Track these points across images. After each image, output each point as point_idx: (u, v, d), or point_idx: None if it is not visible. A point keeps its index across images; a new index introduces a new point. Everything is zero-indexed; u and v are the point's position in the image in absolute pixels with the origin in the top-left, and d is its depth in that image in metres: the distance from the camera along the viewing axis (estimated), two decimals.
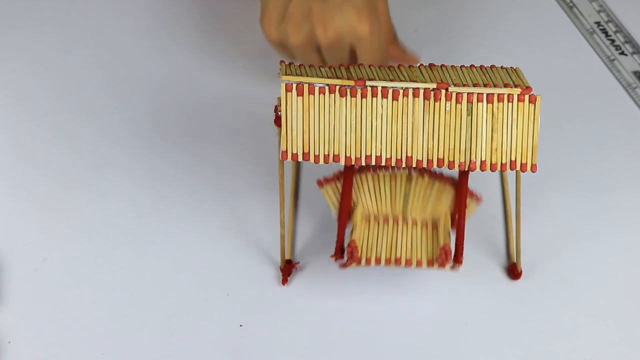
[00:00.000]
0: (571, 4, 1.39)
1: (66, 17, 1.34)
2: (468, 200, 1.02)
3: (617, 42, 1.34)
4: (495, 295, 1.06)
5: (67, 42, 1.31)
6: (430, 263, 1.01)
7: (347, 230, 1.04)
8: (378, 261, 1.01)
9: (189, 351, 1.01)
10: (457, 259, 1.02)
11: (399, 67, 0.99)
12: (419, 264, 1.01)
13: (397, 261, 1.01)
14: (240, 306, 1.04)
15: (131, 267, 1.07)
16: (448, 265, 1.01)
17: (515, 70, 0.99)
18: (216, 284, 1.06)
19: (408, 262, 1.01)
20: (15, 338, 1.01)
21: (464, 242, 1.02)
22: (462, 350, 1.02)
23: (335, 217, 1.04)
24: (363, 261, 1.01)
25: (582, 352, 1.01)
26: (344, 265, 1.02)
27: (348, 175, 1.04)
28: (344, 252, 1.03)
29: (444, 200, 1.03)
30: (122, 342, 1.01)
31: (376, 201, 1.05)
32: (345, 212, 1.03)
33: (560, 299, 1.06)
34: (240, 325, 1.03)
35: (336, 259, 1.03)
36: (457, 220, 1.02)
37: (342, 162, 0.95)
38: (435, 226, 1.05)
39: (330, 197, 1.05)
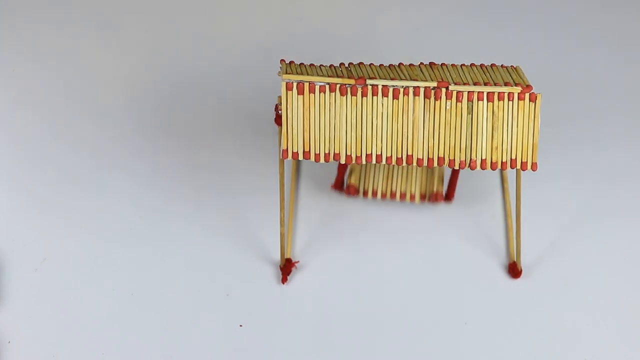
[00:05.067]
0: None
1: (68, 15, 1.35)
2: None
3: None
4: (495, 294, 1.06)
5: (69, 40, 1.31)
6: (423, 198, 1.08)
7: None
8: (375, 194, 1.08)
9: (189, 351, 1.01)
10: (449, 197, 1.08)
11: (399, 66, 0.99)
12: (412, 198, 1.09)
13: (392, 195, 1.08)
14: (240, 306, 1.04)
15: (131, 267, 1.07)
16: (440, 202, 1.08)
17: (515, 68, 0.99)
18: (216, 284, 1.06)
19: (402, 196, 1.08)
20: (15, 338, 1.01)
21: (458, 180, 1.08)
22: (462, 350, 1.02)
23: None
24: (361, 193, 1.08)
25: (582, 352, 1.01)
26: (346, 191, 1.09)
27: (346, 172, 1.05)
28: (344, 185, 1.09)
29: None
30: (122, 342, 1.01)
31: None
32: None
33: (560, 298, 1.06)
34: (240, 325, 1.03)
35: (335, 189, 1.09)
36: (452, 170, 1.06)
37: (343, 160, 0.95)
38: None
39: None
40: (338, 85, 0.94)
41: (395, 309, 1.05)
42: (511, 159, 0.95)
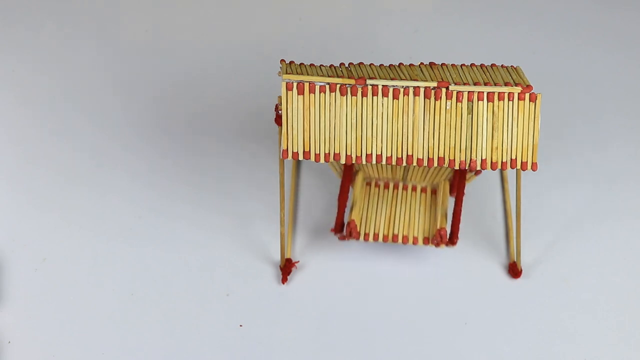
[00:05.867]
0: None
1: (68, 15, 1.35)
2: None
3: None
4: (495, 294, 1.06)
5: (69, 39, 1.31)
6: (425, 241, 1.05)
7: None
8: (376, 237, 1.06)
9: (189, 351, 1.01)
10: (452, 240, 1.05)
11: (399, 66, 0.99)
12: (415, 241, 1.05)
13: (395, 238, 1.06)
14: (240, 306, 1.04)
15: (131, 267, 1.07)
16: (442, 246, 1.05)
17: (515, 68, 0.99)
18: (216, 284, 1.06)
19: (405, 239, 1.05)
20: (15, 338, 1.01)
21: (460, 221, 1.05)
22: (462, 350, 1.02)
23: (339, 179, 1.08)
24: (361, 237, 1.05)
25: (582, 352, 1.01)
26: (343, 238, 1.06)
27: (347, 172, 1.04)
28: (344, 228, 1.06)
29: (443, 171, 1.06)
30: (122, 342, 1.01)
31: (377, 168, 1.07)
32: (345, 193, 1.05)
33: (560, 298, 1.06)
34: (240, 325, 1.03)
35: (335, 233, 1.07)
36: (454, 207, 1.04)
37: (343, 160, 0.95)
38: (434, 192, 1.09)
39: (333, 165, 1.08)
40: (338, 85, 0.94)
41: (395, 309, 1.05)
42: (511, 159, 0.95)
